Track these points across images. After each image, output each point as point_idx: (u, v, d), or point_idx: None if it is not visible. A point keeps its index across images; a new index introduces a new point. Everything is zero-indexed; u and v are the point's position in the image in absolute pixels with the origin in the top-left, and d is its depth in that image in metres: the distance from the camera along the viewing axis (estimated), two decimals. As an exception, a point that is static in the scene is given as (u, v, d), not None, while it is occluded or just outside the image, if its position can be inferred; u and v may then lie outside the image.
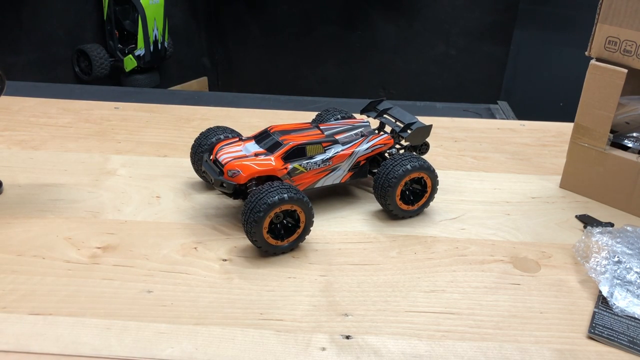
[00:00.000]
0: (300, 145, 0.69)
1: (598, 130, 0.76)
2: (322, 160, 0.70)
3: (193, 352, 0.51)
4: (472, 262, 0.65)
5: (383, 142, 0.75)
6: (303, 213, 0.63)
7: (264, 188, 0.62)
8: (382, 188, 0.70)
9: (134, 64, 2.37)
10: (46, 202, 0.73)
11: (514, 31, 2.46)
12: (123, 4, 2.33)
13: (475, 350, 0.53)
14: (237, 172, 0.66)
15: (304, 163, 0.69)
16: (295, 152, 0.68)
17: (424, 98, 1.35)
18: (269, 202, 0.60)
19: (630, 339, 0.54)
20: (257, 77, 2.84)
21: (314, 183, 0.71)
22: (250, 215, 0.61)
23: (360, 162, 0.73)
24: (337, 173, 0.72)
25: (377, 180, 0.70)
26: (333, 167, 0.71)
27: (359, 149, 0.73)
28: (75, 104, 1.05)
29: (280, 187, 0.62)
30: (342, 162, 0.72)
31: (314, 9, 2.64)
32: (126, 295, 0.57)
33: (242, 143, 0.70)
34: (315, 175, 0.70)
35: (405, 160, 0.69)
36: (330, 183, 0.72)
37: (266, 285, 0.60)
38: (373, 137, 0.75)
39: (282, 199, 0.60)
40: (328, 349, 0.52)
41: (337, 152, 0.71)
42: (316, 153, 0.70)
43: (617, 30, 0.72)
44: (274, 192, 0.61)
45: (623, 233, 0.66)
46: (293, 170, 0.68)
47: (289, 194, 0.61)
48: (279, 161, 0.67)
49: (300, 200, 0.62)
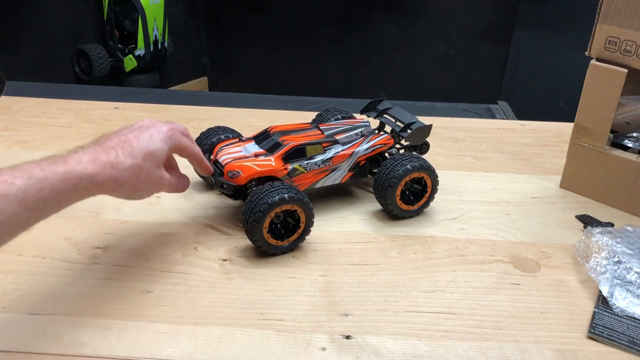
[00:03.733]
0: (300, 145, 0.68)
1: (598, 130, 0.76)
2: (322, 161, 0.70)
3: (193, 352, 0.51)
4: (472, 262, 0.65)
5: (383, 142, 0.75)
6: (303, 213, 0.63)
7: (265, 188, 0.62)
8: (382, 188, 0.70)
9: (134, 64, 2.37)
10: (46, 202, 0.73)
11: (514, 31, 2.46)
12: (123, 4, 2.33)
13: (476, 350, 0.53)
14: (237, 173, 0.66)
15: (304, 163, 0.69)
16: (295, 153, 0.68)
17: (424, 98, 1.35)
18: (270, 202, 0.60)
19: (630, 339, 0.54)
20: (257, 77, 2.84)
21: (314, 183, 0.71)
22: (251, 215, 0.61)
23: (360, 162, 0.73)
24: (337, 173, 0.72)
25: (377, 180, 0.70)
26: (333, 168, 0.71)
27: (359, 149, 0.73)
28: (75, 104, 1.05)
29: (281, 187, 0.62)
30: (342, 163, 0.72)
31: (314, 9, 2.63)
32: (126, 295, 0.57)
33: (242, 144, 0.70)
34: (316, 176, 0.70)
35: (406, 160, 0.69)
36: (331, 183, 0.72)
37: (266, 285, 0.60)
38: (373, 137, 0.75)
39: (283, 198, 0.60)
40: (328, 349, 0.52)
41: (337, 153, 0.71)
42: (316, 153, 0.70)
43: (617, 30, 0.72)
44: (275, 192, 0.61)
45: (623, 233, 0.66)
46: (293, 171, 0.68)
47: (290, 194, 0.61)
48: (279, 162, 0.67)
49: (301, 200, 0.62)
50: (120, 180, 0.53)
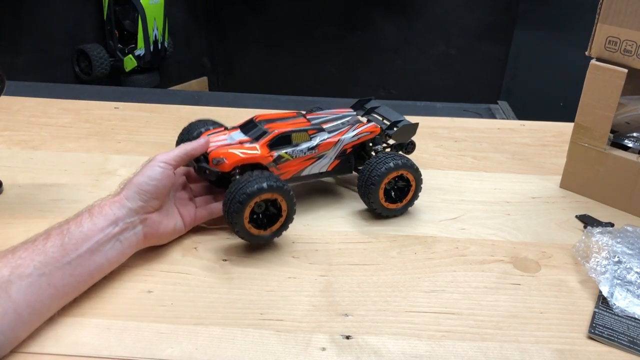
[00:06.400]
0: (286, 133, 0.68)
1: (598, 130, 0.76)
2: (308, 148, 0.70)
3: (193, 352, 0.51)
4: (472, 262, 0.65)
5: (369, 130, 0.74)
6: (284, 201, 0.63)
7: (244, 178, 0.61)
8: (365, 186, 0.70)
9: (134, 64, 2.37)
10: (46, 202, 0.73)
11: (514, 31, 2.46)
12: (123, 4, 2.33)
13: (476, 350, 0.53)
14: (221, 160, 0.65)
15: (290, 151, 0.68)
16: (281, 140, 0.68)
17: (424, 98, 1.35)
18: (248, 192, 0.60)
19: (631, 339, 0.54)
20: (257, 77, 2.84)
21: (301, 171, 0.71)
22: (231, 206, 0.60)
23: (346, 150, 0.73)
24: (324, 161, 0.72)
25: (361, 179, 0.70)
26: (319, 155, 0.71)
27: (345, 137, 0.72)
28: (75, 104, 1.05)
29: (260, 177, 0.61)
30: (329, 150, 0.71)
31: (314, 9, 2.63)
32: (126, 295, 0.57)
33: (227, 132, 0.70)
34: (302, 163, 0.70)
35: (388, 158, 0.69)
36: (317, 171, 0.72)
37: (266, 285, 0.60)
38: (359, 124, 0.75)
39: (261, 188, 0.60)
40: (328, 349, 0.52)
41: (323, 140, 0.71)
42: (302, 141, 0.69)
43: (617, 30, 0.72)
44: (253, 182, 0.60)
45: (623, 233, 0.66)
46: (279, 158, 0.68)
47: (268, 183, 0.60)
48: (264, 149, 0.67)
49: (280, 188, 0.61)
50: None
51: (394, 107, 0.81)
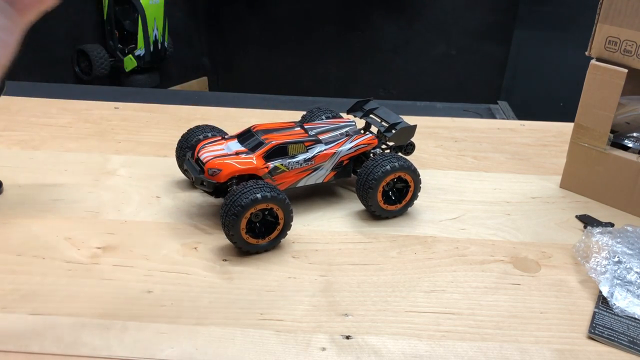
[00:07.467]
0: (282, 144, 0.68)
1: (598, 130, 0.76)
2: (304, 160, 0.70)
3: (193, 352, 0.51)
4: (472, 262, 0.65)
5: (367, 142, 0.74)
6: (281, 210, 0.63)
7: (238, 189, 0.61)
8: (364, 189, 0.70)
9: (134, 64, 2.37)
10: (46, 202, 0.73)
11: (514, 31, 2.46)
12: (123, 4, 2.33)
13: (476, 350, 0.53)
14: (217, 170, 0.65)
15: (286, 162, 0.69)
16: (277, 151, 0.68)
17: (424, 98, 1.35)
18: (242, 204, 0.60)
19: (631, 339, 0.54)
20: (257, 77, 2.84)
21: (296, 182, 0.71)
22: (227, 218, 0.61)
23: (343, 161, 0.73)
24: (320, 172, 0.72)
25: (359, 182, 0.70)
26: (315, 167, 0.71)
27: (342, 149, 0.72)
28: (75, 104, 1.05)
29: (254, 187, 0.61)
30: (325, 162, 0.72)
31: (314, 9, 2.63)
32: (126, 295, 0.57)
33: (224, 142, 0.70)
34: (297, 175, 0.70)
35: (386, 160, 0.69)
36: (313, 182, 0.72)
37: (266, 285, 0.60)
38: (357, 137, 0.75)
39: (256, 199, 0.60)
40: (328, 349, 0.52)
41: (319, 152, 0.71)
42: (298, 152, 0.70)
43: (617, 30, 0.72)
44: (248, 193, 0.61)
45: (623, 233, 0.66)
46: (274, 169, 0.68)
47: (262, 193, 0.61)
48: (260, 160, 0.67)
49: (275, 197, 0.62)
50: None
51: (394, 108, 0.81)
